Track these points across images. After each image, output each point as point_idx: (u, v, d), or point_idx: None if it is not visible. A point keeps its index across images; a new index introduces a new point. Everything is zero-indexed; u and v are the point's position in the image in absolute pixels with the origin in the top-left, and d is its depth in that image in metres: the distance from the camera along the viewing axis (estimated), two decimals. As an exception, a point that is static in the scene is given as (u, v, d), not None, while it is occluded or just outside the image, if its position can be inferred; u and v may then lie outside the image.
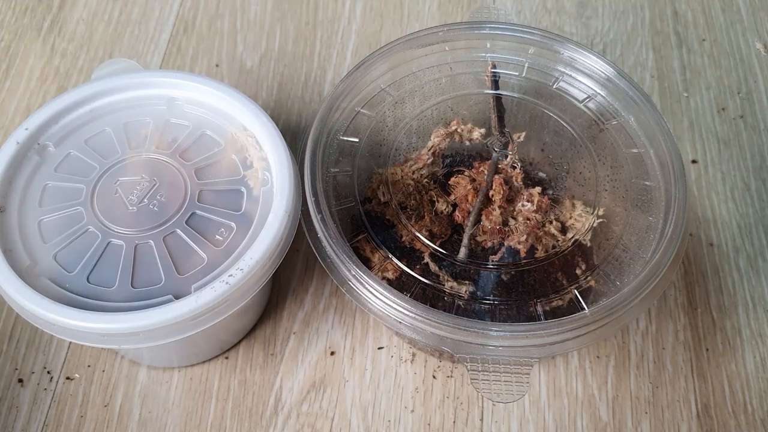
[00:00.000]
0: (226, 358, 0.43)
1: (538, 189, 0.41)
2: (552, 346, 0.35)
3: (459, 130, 0.43)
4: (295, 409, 0.41)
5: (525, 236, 0.39)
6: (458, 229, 0.41)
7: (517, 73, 0.45)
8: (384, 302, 0.35)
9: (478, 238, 0.40)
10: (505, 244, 0.40)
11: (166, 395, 0.42)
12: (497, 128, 0.42)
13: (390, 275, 0.39)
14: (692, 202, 0.49)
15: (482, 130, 0.43)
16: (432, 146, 0.43)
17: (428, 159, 0.42)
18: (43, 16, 0.58)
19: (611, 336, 0.44)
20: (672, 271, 0.37)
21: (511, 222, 0.40)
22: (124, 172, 0.40)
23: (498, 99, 0.43)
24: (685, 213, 0.38)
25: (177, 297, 0.35)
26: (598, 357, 0.43)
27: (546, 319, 0.37)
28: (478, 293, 0.38)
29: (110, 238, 0.37)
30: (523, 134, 0.42)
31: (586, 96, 0.44)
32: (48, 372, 0.42)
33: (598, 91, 0.43)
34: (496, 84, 0.44)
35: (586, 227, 0.40)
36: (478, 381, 0.34)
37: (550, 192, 0.42)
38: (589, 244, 0.40)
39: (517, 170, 0.41)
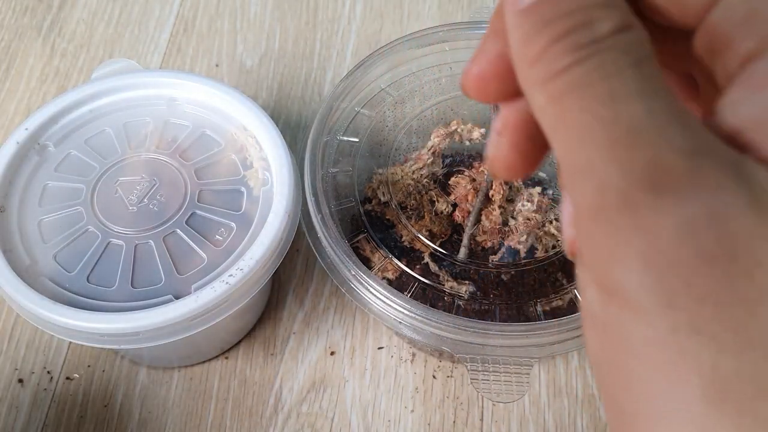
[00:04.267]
0: (226, 358, 0.43)
1: (538, 189, 0.41)
2: (552, 346, 0.35)
3: (459, 130, 0.43)
4: (295, 409, 0.41)
5: (525, 236, 0.39)
6: (458, 229, 0.41)
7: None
8: (384, 302, 0.35)
9: (478, 238, 0.40)
10: (505, 244, 0.40)
11: (166, 395, 0.42)
12: (497, 128, 0.42)
13: (390, 275, 0.39)
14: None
15: (482, 130, 0.43)
16: (432, 146, 0.43)
17: (428, 159, 0.42)
18: (43, 16, 0.58)
19: (611, 336, 0.44)
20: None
21: (511, 222, 0.40)
22: (124, 172, 0.40)
23: (498, 99, 0.43)
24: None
25: (177, 297, 0.35)
26: (598, 357, 0.43)
27: (546, 319, 0.37)
28: (478, 293, 0.38)
29: (110, 238, 0.37)
30: (523, 134, 0.42)
31: (586, 96, 0.43)
32: (48, 372, 0.42)
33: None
34: (496, 84, 0.43)
35: (586, 227, 0.40)
36: (478, 381, 0.34)
37: (550, 192, 0.42)
38: (589, 244, 0.40)
39: (517, 170, 0.41)
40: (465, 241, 0.40)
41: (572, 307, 0.37)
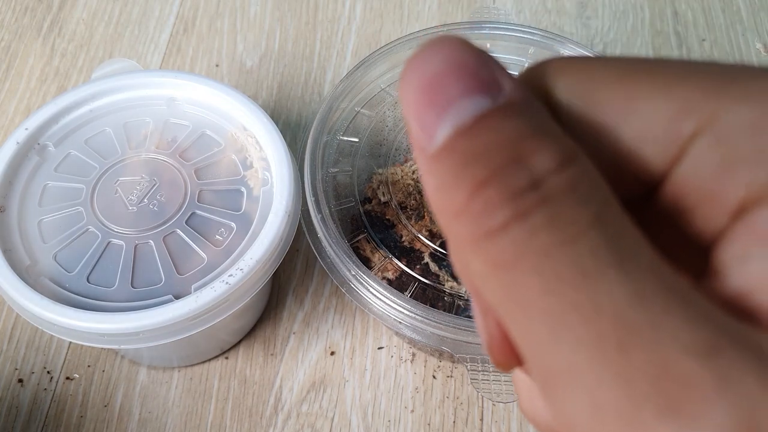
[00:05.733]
0: (226, 358, 0.43)
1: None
2: (552, 346, 0.35)
3: (459, 130, 0.43)
4: (295, 409, 0.41)
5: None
6: (458, 229, 0.41)
7: (517, 73, 0.44)
8: (384, 302, 0.35)
9: (478, 238, 0.40)
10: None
11: (166, 395, 0.42)
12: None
13: (390, 275, 0.39)
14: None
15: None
16: (432, 146, 0.43)
17: (428, 159, 0.42)
18: (43, 16, 0.58)
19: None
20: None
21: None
22: (124, 172, 0.40)
23: (498, 99, 0.43)
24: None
25: (177, 297, 0.35)
26: (598, 357, 0.43)
27: (546, 319, 0.37)
28: (478, 293, 0.38)
29: (110, 238, 0.37)
30: (523, 134, 0.42)
31: (586, 96, 0.44)
32: (48, 372, 0.42)
33: (598, 91, 0.43)
34: (496, 84, 0.44)
35: (586, 227, 0.40)
36: (478, 381, 0.34)
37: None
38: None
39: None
40: (465, 241, 0.40)
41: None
